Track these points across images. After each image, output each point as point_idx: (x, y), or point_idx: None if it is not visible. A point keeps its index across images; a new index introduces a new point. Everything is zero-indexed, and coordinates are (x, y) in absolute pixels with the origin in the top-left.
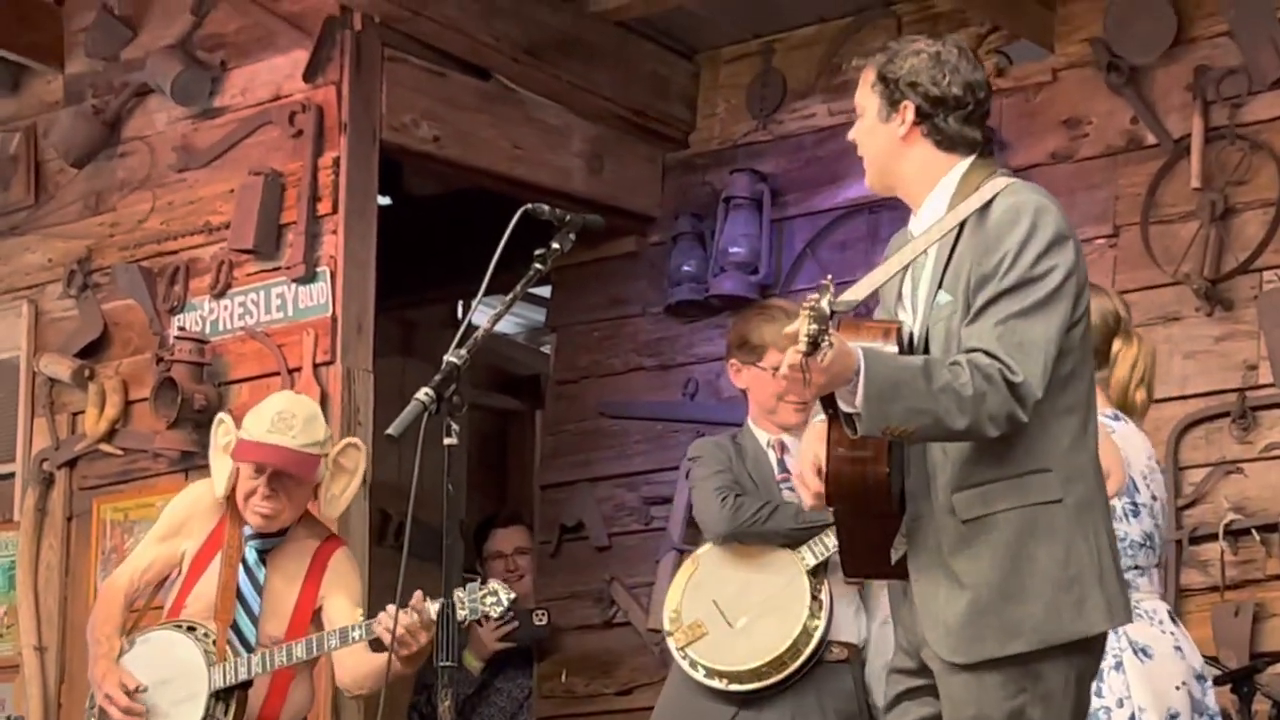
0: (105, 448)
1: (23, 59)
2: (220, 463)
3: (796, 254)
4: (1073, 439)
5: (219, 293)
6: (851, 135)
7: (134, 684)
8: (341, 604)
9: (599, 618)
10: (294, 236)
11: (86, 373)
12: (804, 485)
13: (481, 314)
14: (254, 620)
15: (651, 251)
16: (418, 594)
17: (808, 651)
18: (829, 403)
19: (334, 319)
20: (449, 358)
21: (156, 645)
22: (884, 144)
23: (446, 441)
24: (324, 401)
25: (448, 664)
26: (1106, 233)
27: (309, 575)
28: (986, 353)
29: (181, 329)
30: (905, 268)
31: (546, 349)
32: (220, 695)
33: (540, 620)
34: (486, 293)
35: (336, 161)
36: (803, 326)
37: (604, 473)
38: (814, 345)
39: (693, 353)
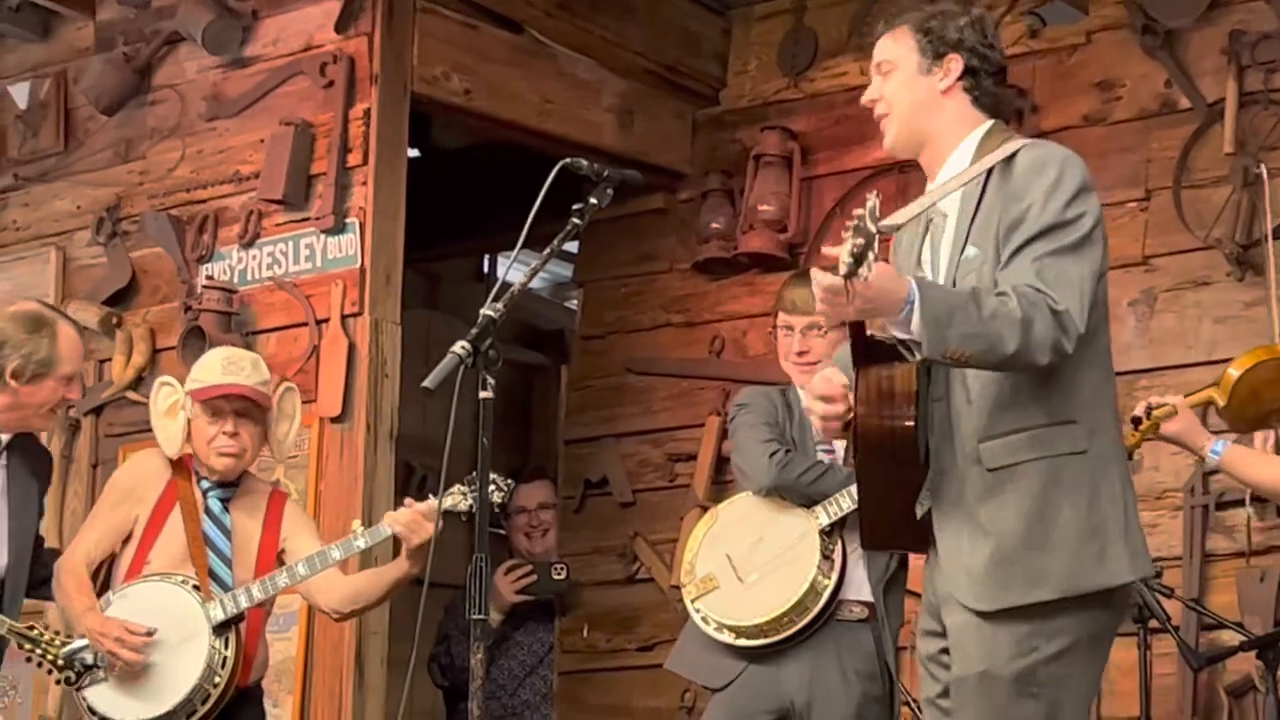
0: (132, 395)
1: (54, 5)
2: (167, 424)
3: (825, 213)
4: (1094, 391)
5: (248, 242)
6: (875, 92)
7: (143, 629)
8: (306, 541)
9: (622, 573)
10: (323, 187)
11: (114, 320)
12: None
13: (506, 267)
14: (227, 562)
15: (680, 208)
16: (412, 502)
17: (816, 609)
18: (862, 349)
19: (362, 270)
20: (485, 311)
21: (138, 597)
22: (922, 96)
23: (482, 395)
24: (351, 353)
25: (479, 617)
26: (1138, 196)
27: (267, 520)
28: (1031, 286)
29: (210, 278)
30: (922, 217)
31: (572, 304)
32: (220, 629)
33: (559, 574)
34: (513, 247)
35: (367, 113)
36: (845, 244)
37: (629, 429)
38: (858, 261)
39: (720, 310)
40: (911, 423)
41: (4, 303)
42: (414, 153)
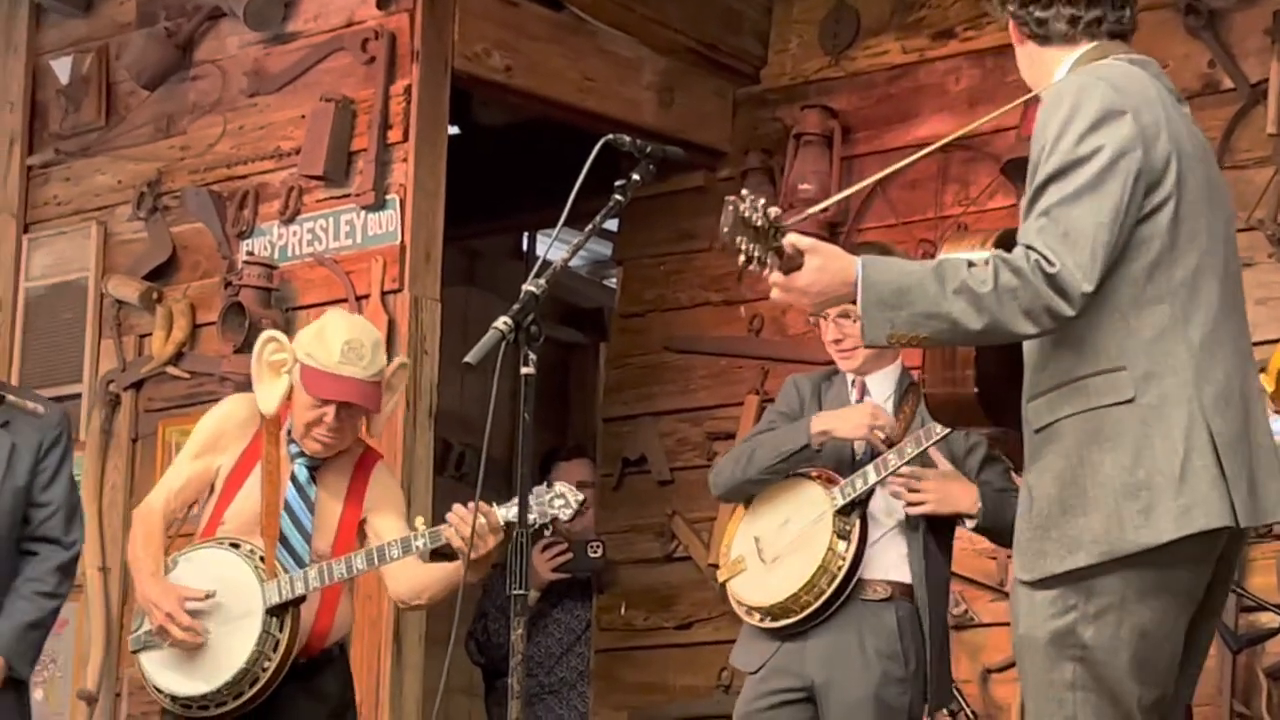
0: (172, 370)
1: None
2: (269, 379)
3: (866, 192)
4: (1161, 330)
5: (288, 218)
6: None
7: (201, 593)
8: (389, 522)
9: (659, 552)
10: (364, 164)
11: (154, 295)
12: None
13: (546, 244)
14: (306, 538)
15: (720, 186)
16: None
17: (830, 590)
18: None
19: (402, 247)
20: (528, 287)
21: (202, 563)
22: (1019, 59)
23: (524, 371)
24: (391, 329)
25: (520, 593)
26: None
27: (351, 490)
28: (1027, 245)
29: (250, 254)
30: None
31: (610, 282)
32: (275, 611)
33: (595, 552)
34: (553, 225)
35: (408, 89)
36: (747, 255)
37: (667, 407)
38: (754, 263)
39: (759, 288)
40: (975, 387)
41: (46, 277)
42: (454, 130)
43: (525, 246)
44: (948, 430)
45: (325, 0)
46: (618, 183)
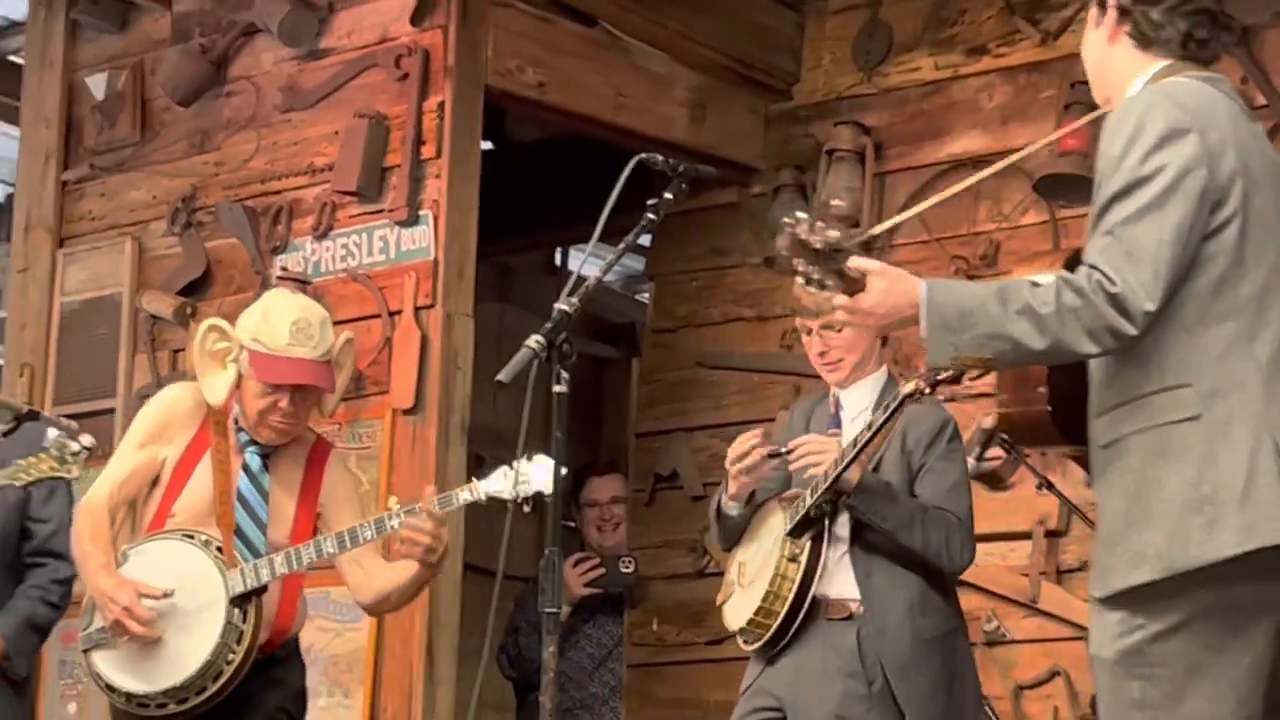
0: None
1: None
2: (214, 370)
3: (899, 208)
4: (1227, 347)
5: (321, 234)
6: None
7: (159, 591)
8: (345, 514)
9: (691, 567)
10: (397, 179)
11: (188, 310)
12: None
13: (578, 260)
14: (261, 528)
15: (752, 202)
16: (429, 489)
17: (783, 612)
18: None
19: (436, 263)
20: (560, 305)
21: (156, 555)
22: (1095, 51)
23: (556, 389)
24: (424, 345)
25: (552, 610)
26: None
27: (306, 482)
28: (1090, 265)
29: (284, 269)
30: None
31: (642, 297)
32: (238, 601)
33: (627, 567)
34: (585, 241)
35: (441, 106)
36: (808, 278)
37: (699, 422)
38: (814, 284)
39: (791, 304)
40: (1048, 405)
41: (81, 292)
42: (487, 145)
43: (558, 262)
44: (864, 444)
45: (359, 16)
46: (650, 201)
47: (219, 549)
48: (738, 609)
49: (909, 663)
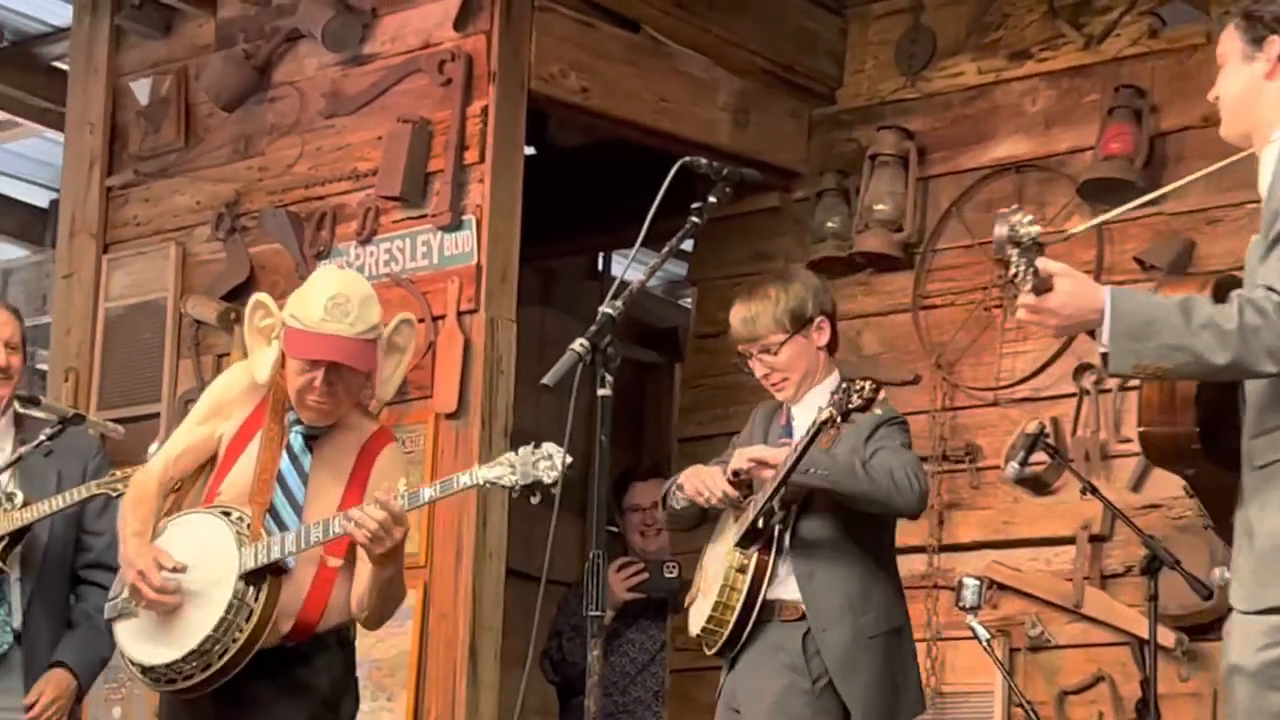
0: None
1: (176, 2)
2: (261, 347)
3: (942, 213)
4: None
5: (365, 239)
6: (1211, 94)
7: (171, 562)
8: None
9: None
10: (440, 185)
11: (232, 315)
12: None
13: (620, 265)
14: (297, 509)
15: (795, 207)
16: (385, 485)
17: (732, 620)
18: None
19: (479, 267)
20: (604, 309)
21: (187, 528)
22: (1244, 85)
23: (600, 393)
24: (467, 349)
25: (597, 614)
26: (1258, 199)
27: (355, 471)
28: (1268, 287)
29: None
30: None
31: (685, 302)
32: (250, 578)
33: (671, 572)
34: (628, 245)
35: (484, 110)
36: (1010, 266)
37: (741, 427)
38: (1017, 278)
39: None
40: (1195, 426)
41: (125, 297)
42: (530, 150)
43: (600, 267)
44: (792, 466)
45: (402, 22)
46: (694, 205)
47: (248, 526)
48: (696, 615)
49: (851, 660)
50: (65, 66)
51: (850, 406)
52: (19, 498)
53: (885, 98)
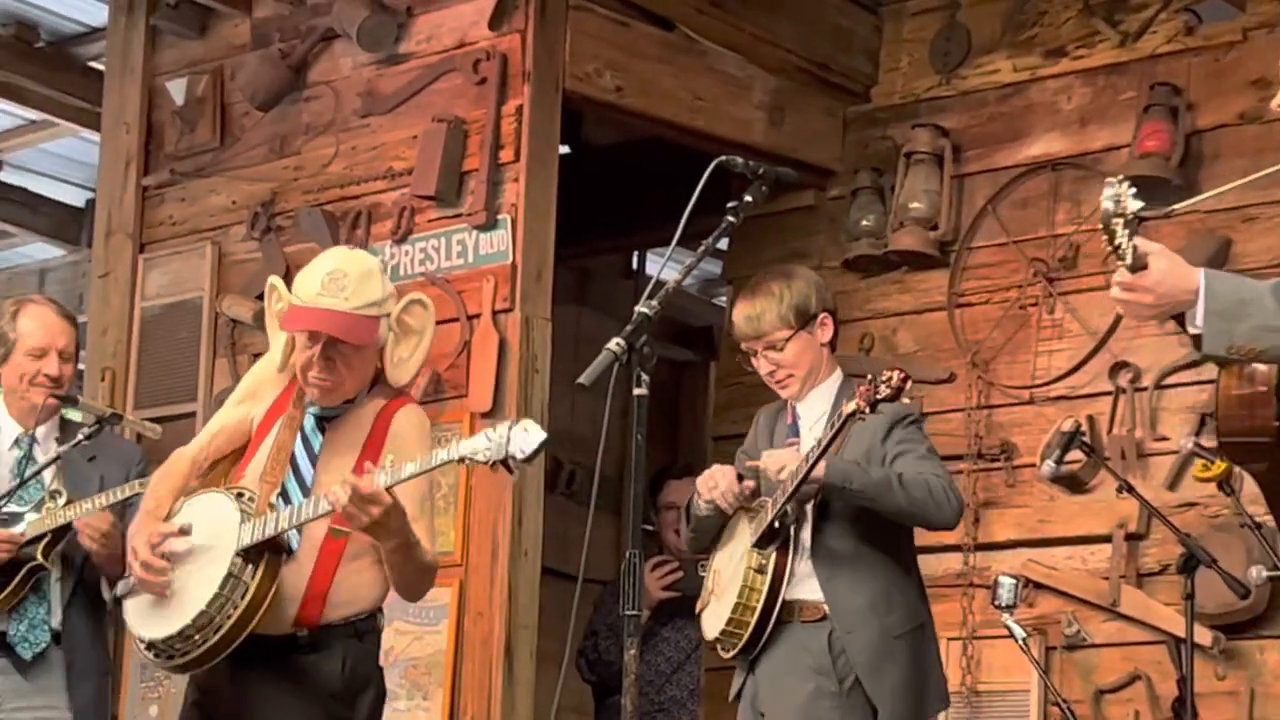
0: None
1: (211, 2)
2: (276, 331)
3: (977, 211)
4: None
5: (400, 238)
6: (1275, 102)
7: (175, 528)
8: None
9: None
10: (476, 184)
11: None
12: None
13: (655, 264)
14: (305, 490)
15: (830, 205)
16: (384, 458)
17: (753, 622)
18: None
19: (514, 266)
20: (640, 308)
21: (198, 506)
22: None
23: (637, 392)
24: (502, 348)
25: (633, 613)
26: None
27: (368, 441)
28: None
29: None
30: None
31: (720, 301)
32: (247, 555)
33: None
34: (663, 244)
35: (519, 110)
36: (1116, 240)
37: None
38: (1117, 252)
39: (869, 307)
40: (1275, 421)
41: (161, 296)
42: (564, 149)
43: (635, 265)
44: (815, 459)
45: (437, 21)
46: (730, 204)
47: (252, 500)
48: (712, 619)
49: (878, 660)
50: (101, 67)
51: (879, 397)
52: (63, 496)
53: (920, 95)
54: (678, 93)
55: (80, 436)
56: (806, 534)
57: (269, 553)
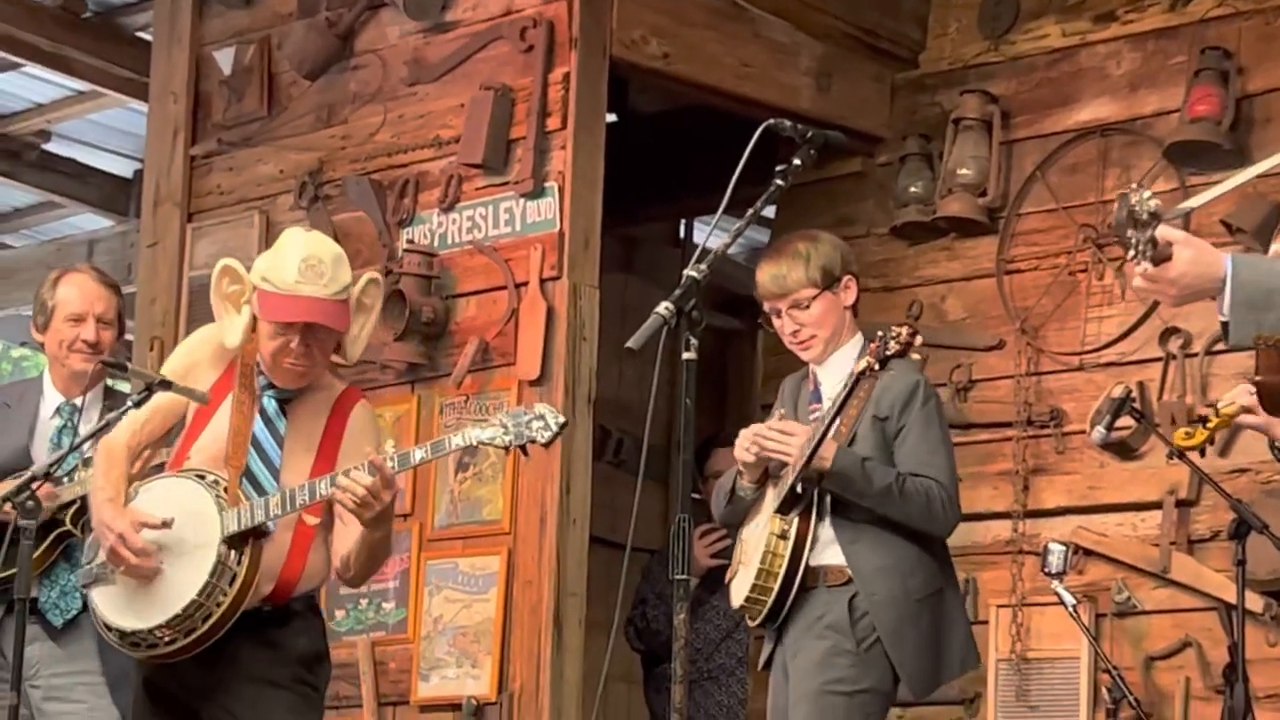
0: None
1: None
2: (230, 314)
3: (1026, 176)
4: None
5: (448, 206)
6: None
7: (157, 520)
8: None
9: None
10: (523, 152)
11: None
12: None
13: (702, 232)
14: (274, 473)
15: (878, 172)
16: (388, 444)
17: (776, 588)
18: None
19: (561, 234)
20: (689, 272)
21: (160, 493)
22: None
23: (685, 356)
24: (550, 316)
25: (682, 577)
26: None
27: (327, 430)
28: None
29: (410, 242)
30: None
31: None
32: (233, 542)
33: None
34: (710, 212)
35: (566, 77)
36: (1128, 249)
37: None
38: (1136, 255)
39: (918, 275)
40: None
41: (210, 265)
42: (611, 117)
43: (682, 233)
44: (829, 423)
45: None
46: (779, 168)
47: (225, 489)
48: (739, 586)
49: (900, 621)
50: (149, 37)
51: (888, 353)
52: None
53: (969, 61)
54: (725, 59)
55: (129, 404)
56: (829, 500)
57: (253, 538)
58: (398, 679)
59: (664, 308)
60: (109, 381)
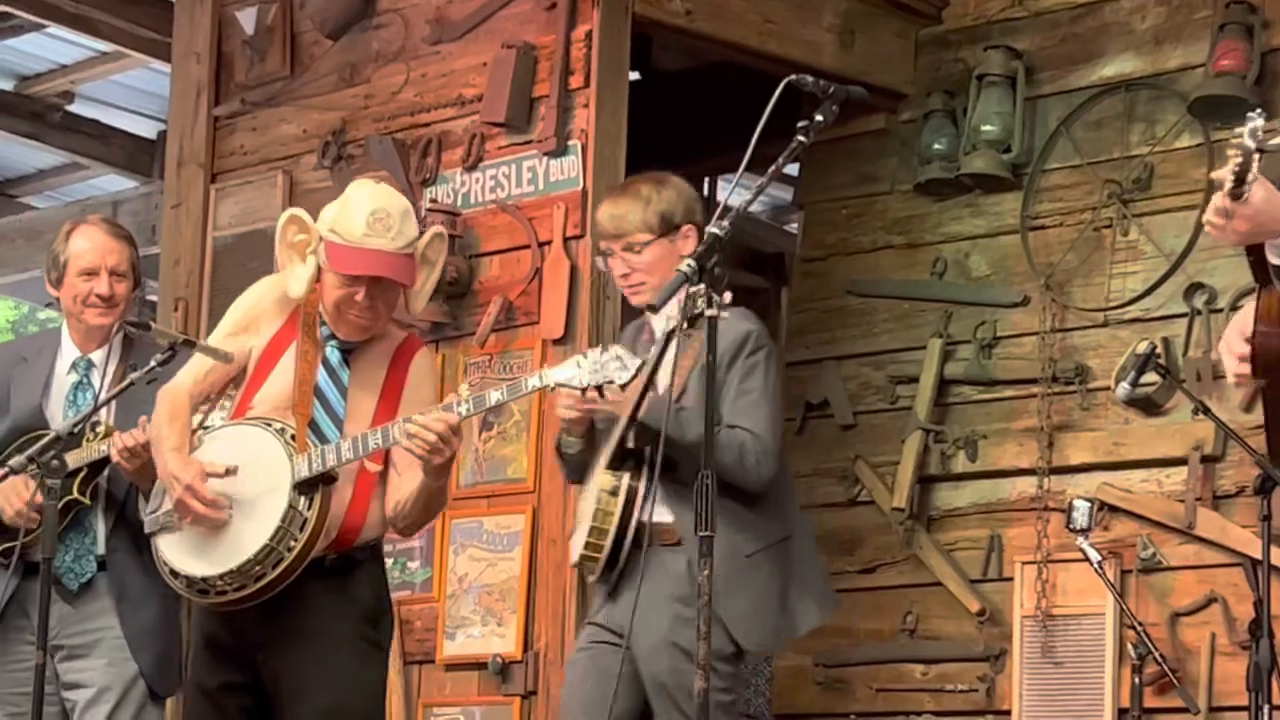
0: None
1: None
2: (296, 263)
3: (1050, 132)
4: None
5: (471, 165)
6: None
7: (222, 468)
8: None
9: (843, 496)
10: (546, 110)
11: None
12: (1228, 356)
13: (725, 190)
14: (337, 423)
15: (902, 129)
16: (463, 384)
17: (608, 545)
18: (1265, 270)
19: (584, 193)
20: (711, 229)
21: (228, 440)
22: None
23: (709, 313)
24: (574, 275)
25: (706, 534)
26: None
27: (389, 379)
28: None
29: (433, 201)
30: None
31: (791, 227)
32: (303, 488)
33: None
34: (733, 170)
35: (589, 35)
36: (1228, 163)
37: (849, 351)
38: (1239, 181)
39: (942, 231)
40: None
41: (233, 226)
42: (634, 75)
43: (706, 191)
44: (644, 386)
45: None
46: (801, 123)
47: (293, 436)
48: (575, 542)
49: (728, 580)
50: None
51: (695, 313)
52: (101, 427)
53: (992, 17)
54: (748, 16)
55: (154, 363)
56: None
57: (323, 484)
58: (423, 638)
59: (686, 264)
60: (129, 332)
